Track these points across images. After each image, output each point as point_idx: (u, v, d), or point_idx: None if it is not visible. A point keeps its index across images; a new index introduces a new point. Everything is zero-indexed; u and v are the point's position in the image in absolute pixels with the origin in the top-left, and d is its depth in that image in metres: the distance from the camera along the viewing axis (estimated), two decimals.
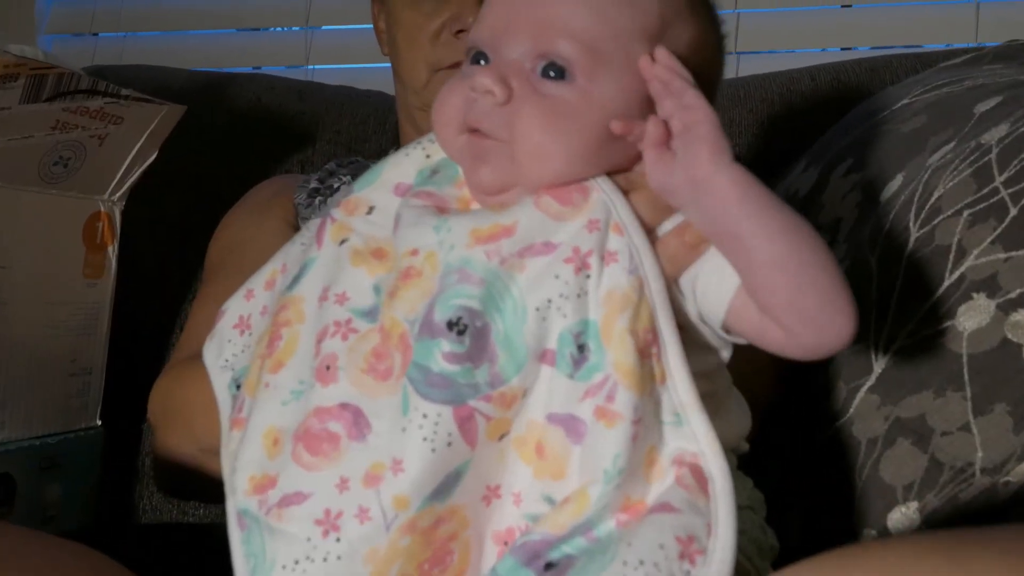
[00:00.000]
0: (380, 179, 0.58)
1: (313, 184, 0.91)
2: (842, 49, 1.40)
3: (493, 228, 0.50)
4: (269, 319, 0.56)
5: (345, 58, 1.49)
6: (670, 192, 0.51)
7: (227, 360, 0.59)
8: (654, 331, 0.49)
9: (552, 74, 0.52)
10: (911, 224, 0.69)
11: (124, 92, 0.79)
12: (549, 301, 0.49)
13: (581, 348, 0.48)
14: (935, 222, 0.67)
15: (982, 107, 0.74)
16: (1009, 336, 0.60)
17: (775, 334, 0.50)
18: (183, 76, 1.19)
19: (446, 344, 0.48)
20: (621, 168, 0.54)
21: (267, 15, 1.54)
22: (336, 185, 0.90)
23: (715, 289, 0.52)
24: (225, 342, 0.59)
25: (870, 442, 0.65)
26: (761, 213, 0.49)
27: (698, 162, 0.49)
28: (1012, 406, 0.58)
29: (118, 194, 0.88)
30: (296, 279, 0.56)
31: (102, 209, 0.87)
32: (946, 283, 0.64)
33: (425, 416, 0.47)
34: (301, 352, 0.53)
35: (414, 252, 0.51)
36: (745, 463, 0.60)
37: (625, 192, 0.53)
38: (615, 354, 0.48)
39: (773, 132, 1.06)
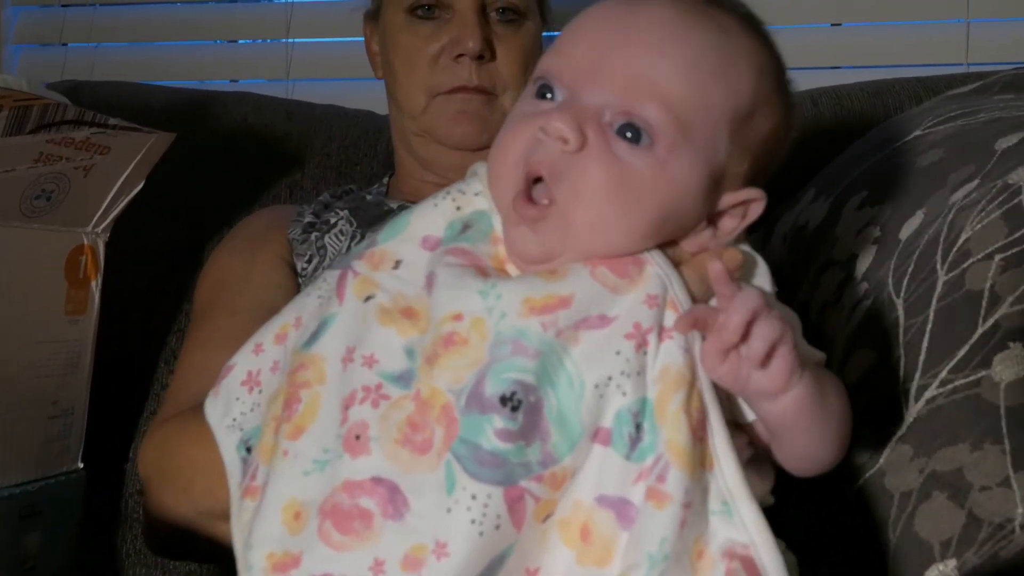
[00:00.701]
0: (407, 231, 0.54)
1: (308, 218, 0.87)
2: (832, 68, 1.40)
3: (548, 298, 0.48)
4: (283, 378, 0.53)
5: (327, 72, 1.45)
6: (725, 383, 0.49)
7: (235, 419, 0.56)
8: (703, 413, 0.47)
9: (629, 135, 0.49)
10: (938, 267, 0.67)
11: (112, 122, 0.75)
12: (609, 378, 0.46)
13: (638, 427, 0.46)
14: (964, 266, 0.65)
15: (1004, 143, 0.73)
16: None
17: (775, 451, 0.54)
18: (164, 94, 1.14)
19: (499, 420, 0.45)
20: (671, 241, 0.51)
21: (245, 26, 1.49)
22: (333, 220, 0.86)
23: None
24: (232, 400, 0.56)
25: (903, 495, 0.63)
26: (812, 424, 0.50)
27: (774, 381, 0.48)
28: None
29: (102, 226, 0.84)
30: (315, 335, 0.52)
31: (85, 242, 0.82)
32: (979, 330, 0.62)
33: (474, 497, 0.45)
34: (324, 417, 0.50)
35: (457, 317, 0.48)
36: (769, 516, 0.58)
37: (675, 265, 0.50)
38: (668, 432, 0.46)
39: None
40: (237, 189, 1.06)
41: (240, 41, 1.53)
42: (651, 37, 0.50)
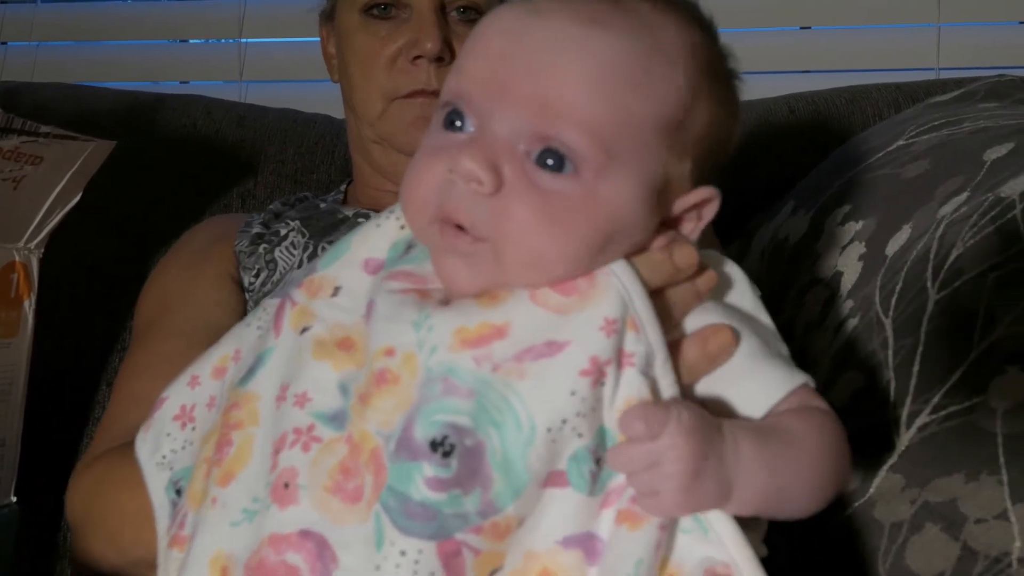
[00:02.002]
0: (348, 254, 0.50)
1: (256, 228, 0.82)
2: (802, 72, 1.37)
3: (482, 328, 0.43)
4: (218, 416, 0.49)
5: (282, 73, 1.40)
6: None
7: (164, 457, 0.51)
8: None
9: (551, 163, 0.44)
10: (929, 284, 0.64)
11: (43, 129, 0.69)
12: (564, 421, 0.42)
13: (599, 461, 0.43)
14: (957, 284, 0.62)
15: (992, 153, 0.70)
16: None
17: None
18: (108, 97, 1.08)
19: (429, 468, 0.41)
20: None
21: (196, 26, 1.43)
22: (283, 232, 0.81)
23: (738, 415, 0.47)
24: (163, 435, 0.51)
25: (894, 526, 0.59)
26: (783, 491, 0.46)
27: (703, 503, 0.44)
28: None
29: (35, 241, 0.78)
30: (251, 372, 0.48)
31: (17, 259, 0.76)
32: (974, 353, 0.59)
33: (403, 553, 0.40)
34: (255, 462, 0.45)
35: (390, 352, 0.43)
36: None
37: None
38: None
39: (752, 166, 1.01)
40: (185, 199, 1.00)
41: (191, 41, 1.47)
42: (556, 49, 0.44)
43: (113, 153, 0.82)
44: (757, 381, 0.47)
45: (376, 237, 0.50)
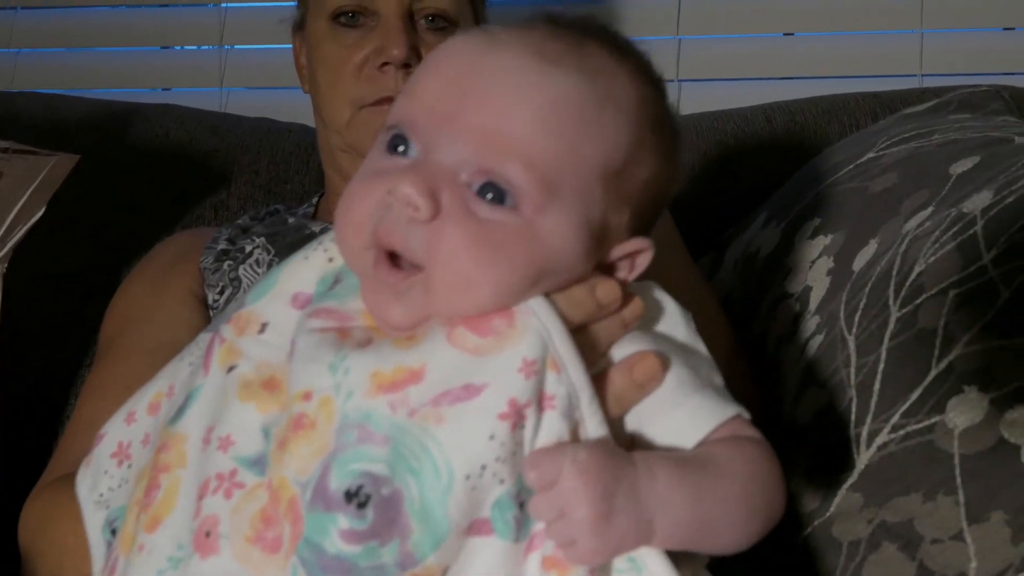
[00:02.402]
0: (275, 288, 0.49)
1: (222, 245, 0.81)
2: (785, 79, 1.37)
3: (398, 372, 0.42)
4: (150, 456, 0.48)
5: (263, 80, 1.39)
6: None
7: (102, 495, 0.50)
8: None
9: (490, 196, 0.43)
10: (891, 301, 0.63)
11: (3, 144, 0.69)
12: (483, 467, 0.41)
13: (522, 505, 0.41)
14: (918, 301, 0.61)
15: (958, 167, 0.69)
16: (1005, 436, 0.54)
17: None
18: (82, 107, 1.08)
19: (343, 519, 0.40)
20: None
21: (177, 32, 1.42)
22: (248, 248, 0.80)
23: (665, 449, 0.46)
24: (101, 473, 0.51)
25: (852, 545, 0.59)
26: (706, 528, 0.45)
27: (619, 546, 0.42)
28: (1010, 514, 0.53)
29: None
30: (180, 411, 0.47)
31: None
32: (933, 372, 0.58)
33: None
34: (181, 508, 0.45)
35: (307, 396, 0.42)
36: (712, 564, 0.54)
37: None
38: None
39: (728, 177, 1.00)
40: (157, 210, 1.00)
41: (172, 48, 1.46)
42: (508, 83, 0.44)
43: (85, 163, 0.82)
44: (686, 412, 0.46)
45: (304, 270, 0.49)
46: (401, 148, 0.46)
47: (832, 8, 1.33)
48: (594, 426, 0.43)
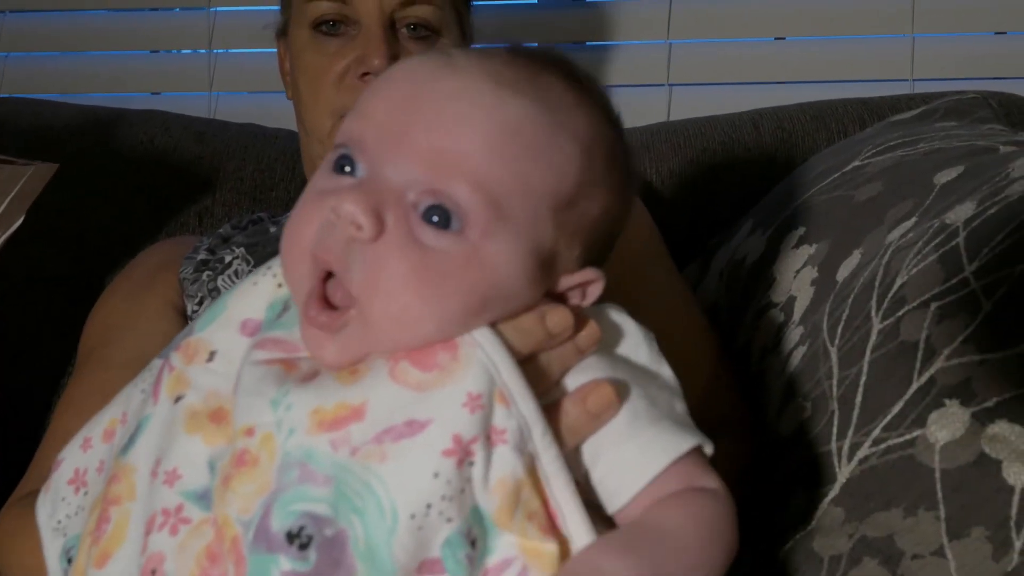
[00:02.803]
0: (224, 315, 0.48)
1: (202, 255, 0.80)
2: (776, 83, 1.36)
3: (339, 409, 0.41)
4: (103, 486, 0.47)
5: (253, 84, 1.38)
6: None
7: (60, 522, 0.50)
8: (549, 513, 0.42)
9: (436, 219, 0.42)
10: (873, 313, 0.63)
11: None
12: (428, 506, 0.40)
13: (474, 543, 0.40)
14: (900, 313, 0.61)
15: (942, 177, 0.69)
16: (987, 451, 0.54)
17: None
18: (67, 112, 1.07)
19: (285, 561, 0.39)
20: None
21: (166, 36, 1.42)
22: (228, 259, 0.79)
23: (614, 487, 0.45)
24: (59, 500, 0.50)
25: (833, 559, 0.58)
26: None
27: None
28: (991, 530, 0.53)
29: None
30: (131, 441, 0.46)
31: None
32: (914, 385, 0.58)
33: None
34: (130, 542, 0.44)
35: (249, 431, 0.42)
36: None
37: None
38: (519, 538, 0.40)
39: (715, 184, 1.00)
40: (142, 217, 0.99)
41: (160, 51, 1.46)
42: (460, 105, 0.43)
43: (69, 169, 0.81)
44: (638, 446, 0.45)
45: (253, 296, 0.48)
46: (347, 168, 0.45)
47: (823, 12, 1.32)
48: (549, 460, 0.42)
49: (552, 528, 0.42)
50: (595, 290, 0.48)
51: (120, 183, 1.01)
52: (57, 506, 0.50)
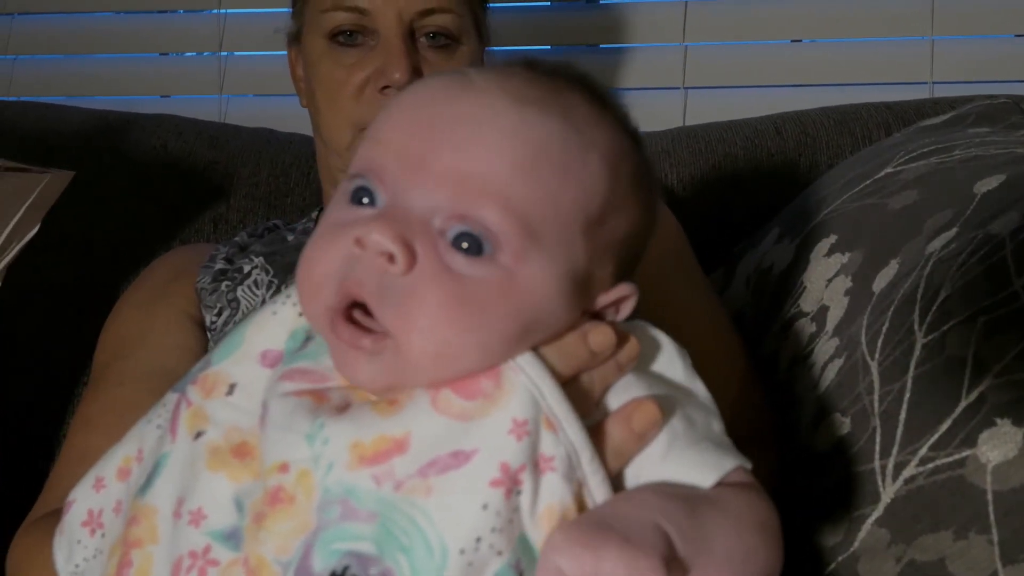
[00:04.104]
0: (242, 347, 0.46)
1: (220, 264, 0.78)
2: (793, 86, 1.35)
3: (380, 442, 0.39)
4: (122, 527, 0.45)
5: (263, 87, 1.37)
6: None
7: (78, 566, 0.48)
8: None
9: (466, 246, 0.41)
10: (916, 327, 0.61)
11: None
12: (478, 540, 0.38)
13: (522, 574, 0.39)
14: (945, 328, 0.59)
15: (983, 186, 0.67)
16: None
17: None
18: (78, 117, 1.05)
19: None
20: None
21: (176, 39, 1.40)
22: (247, 268, 0.77)
23: None
24: (75, 543, 0.48)
25: None
26: None
27: None
28: None
29: None
30: (149, 480, 0.44)
31: None
32: (963, 403, 0.56)
33: None
34: None
35: (283, 468, 0.40)
36: None
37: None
38: None
39: (738, 189, 0.98)
40: (155, 223, 0.97)
41: (170, 54, 1.44)
42: (484, 126, 0.42)
43: (80, 176, 0.80)
44: (680, 469, 0.43)
45: (272, 326, 0.46)
46: (366, 200, 0.43)
47: (841, 15, 1.30)
48: (596, 484, 0.41)
49: None
50: (629, 305, 0.47)
51: (133, 189, 0.99)
52: (74, 549, 0.48)
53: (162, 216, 0.98)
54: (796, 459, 0.69)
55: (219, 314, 0.75)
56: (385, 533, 0.38)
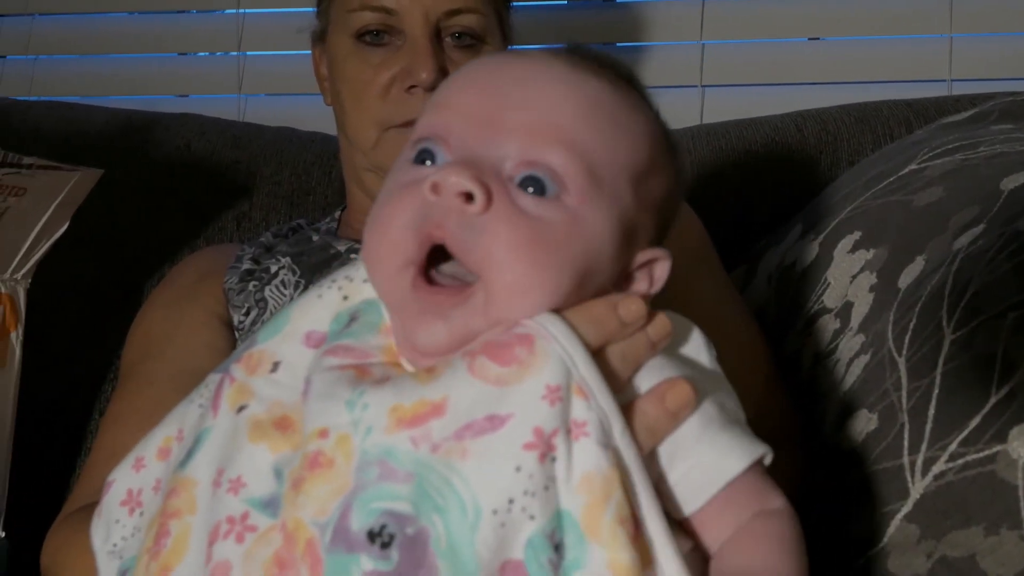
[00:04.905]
0: (288, 327, 0.47)
1: (247, 265, 0.79)
2: (810, 84, 1.34)
3: (419, 406, 0.40)
4: (160, 502, 0.46)
5: (282, 86, 1.38)
6: None
7: (115, 545, 0.49)
8: (635, 517, 0.40)
9: (532, 189, 0.43)
10: (944, 323, 0.61)
11: (27, 160, 0.68)
12: (511, 501, 0.39)
13: (558, 547, 0.39)
14: (973, 324, 0.59)
15: (1010, 183, 0.67)
16: None
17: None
18: (101, 117, 1.06)
19: (367, 561, 0.38)
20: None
21: (195, 39, 1.41)
22: (274, 269, 0.78)
23: (690, 489, 0.44)
24: (113, 522, 0.49)
25: None
26: None
27: None
28: None
29: (22, 271, 0.76)
30: (189, 454, 0.45)
31: (3, 291, 0.75)
32: (993, 399, 0.56)
33: None
34: (192, 555, 0.43)
35: (323, 433, 0.41)
36: None
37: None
38: (609, 552, 0.39)
39: (759, 186, 0.98)
40: (179, 223, 0.98)
41: (189, 54, 1.45)
42: (546, 84, 0.46)
43: (105, 175, 0.81)
44: (716, 451, 0.44)
45: (318, 308, 0.47)
46: (429, 162, 0.45)
47: (859, 12, 1.30)
48: (630, 458, 0.41)
49: (636, 536, 0.41)
50: (662, 270, 0.49)
51: (156, 188, 1.00)
52: (112, 529, 0.49)
53: (186, 215, 0.99)
54: (821, 455, 0.69)
55: (247, 314, 0.76)
56: (421, 493, 0.39)
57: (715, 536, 0.45)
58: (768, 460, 0.46)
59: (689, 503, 0.45)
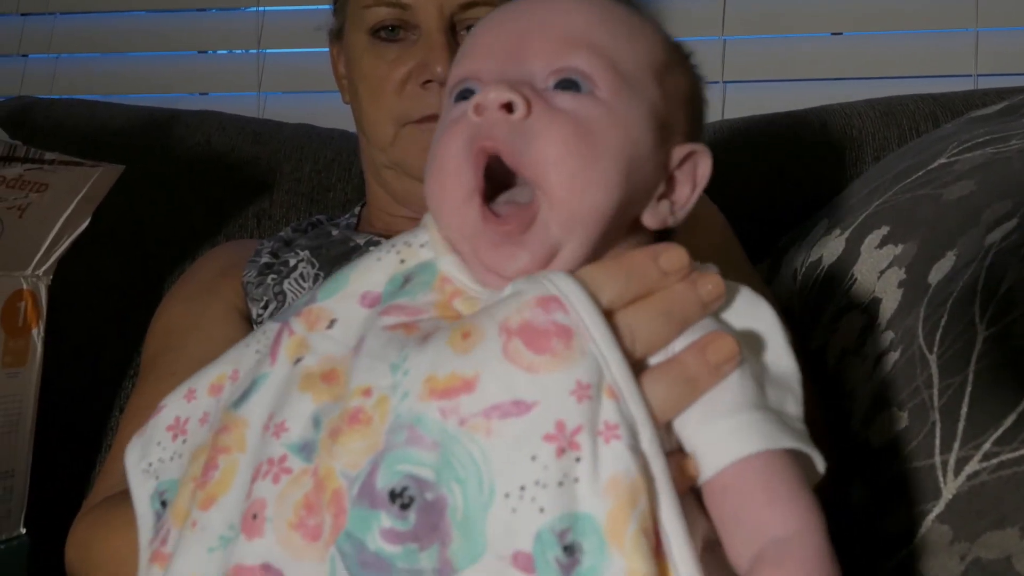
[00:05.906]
0: (347, 287, 0.49)
1: (265, 258, 0.79)
2: (833, 79, 1.33)
3: (451, 380, 0.40)
4: (209, 436, 0.48)
5: (301, 84, 1.38)
6: None
7: (151, 464, 0.50)
8: (657, 528, 0.39)
9: (566, 90, 0.45)
10: (977, 319, 0.60)
11: (48, 156, 0.67)
12: (522, 488, 0.38)
13: (568, 549, 0.38)
14: (1008, 320, 0.58)
15: None
16: None
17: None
18: (123, 114, 1.06)
19: (386, 518, 0.39)
20: (638, 211, 0.47)
21: (215, 37, 1.41)
22: (293, 262, 0.78)
23: (702, 457, 0.43)
24: (154, 443, 0.50)
25: None
26: None
27: None
28: None
29: (43, 268, 0.76)
30: (244, 396, 0.47)
31: (25, 287, 0.75)
32: None
33: None
34: (236, 490, 0.44)
35: (367, 392, 0.42)
36: None
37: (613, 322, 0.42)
38: (631, 562, 0.38)
39: (783, 181, 0.97)
40: (200, 219, 0.98)
41: (209, 52, 1.45)
42: (562, 10, 0.48)
43: (126, 172, 0.80)
44: (729, 428, 0.42)
45: (376, 271, 0.49)
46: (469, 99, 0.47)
47: (883, 6, 1.29)
48: (658, 469, 0.40)
49: (658, 550, 0.40)
50: (704, 167, 0.49)
51: (177, 184, 1.00)
52: (149, 449, 0.50)
53: (206, 211, 0.99)
54: (848, 453, 0.68)
55: (265, 307, 0.75)
56: (445, 462, 0.39)
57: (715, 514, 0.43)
58: (820, 468, 0.44)
59: (702, 470, 0.42)
